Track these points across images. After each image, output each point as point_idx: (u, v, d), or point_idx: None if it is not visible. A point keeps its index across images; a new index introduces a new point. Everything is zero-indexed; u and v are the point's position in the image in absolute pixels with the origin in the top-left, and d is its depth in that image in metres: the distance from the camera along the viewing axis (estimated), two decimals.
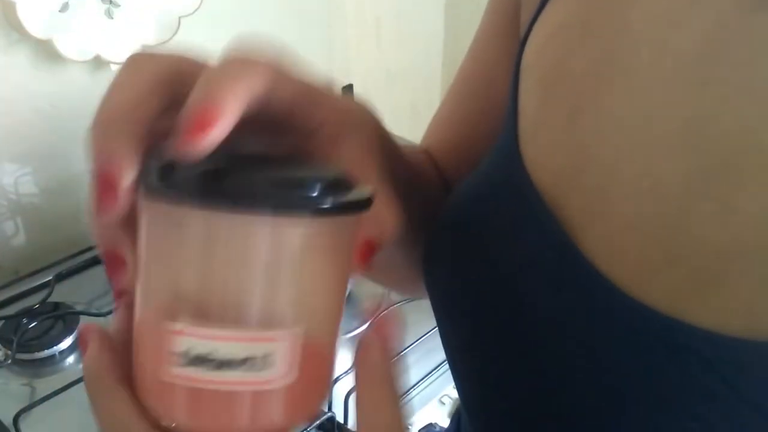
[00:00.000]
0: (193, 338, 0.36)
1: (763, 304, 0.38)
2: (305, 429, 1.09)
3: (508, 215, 0.51)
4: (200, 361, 0.36)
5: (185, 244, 0.37)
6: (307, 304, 0.39)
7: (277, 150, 0.44)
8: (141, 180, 0.36)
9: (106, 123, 0.37)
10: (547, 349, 0.48)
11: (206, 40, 1.55)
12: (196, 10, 1.42)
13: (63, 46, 1.31)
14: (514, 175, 0.51)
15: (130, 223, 0.38)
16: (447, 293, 0.57)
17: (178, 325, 0.36)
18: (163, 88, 0.37)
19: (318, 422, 1.11)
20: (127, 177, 0.35)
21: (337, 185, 0.38)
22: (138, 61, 0.39)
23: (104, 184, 0.36)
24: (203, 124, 0.34)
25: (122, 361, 0.39)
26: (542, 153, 0.50)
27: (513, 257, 0.50)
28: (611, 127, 0.46)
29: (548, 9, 0.54)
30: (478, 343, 0.55)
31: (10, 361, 1.20)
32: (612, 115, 0.46)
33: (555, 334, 0.47)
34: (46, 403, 1.11)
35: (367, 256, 0.40)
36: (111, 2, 1.34)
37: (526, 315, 0.49)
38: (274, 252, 0.37)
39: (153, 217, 0.37)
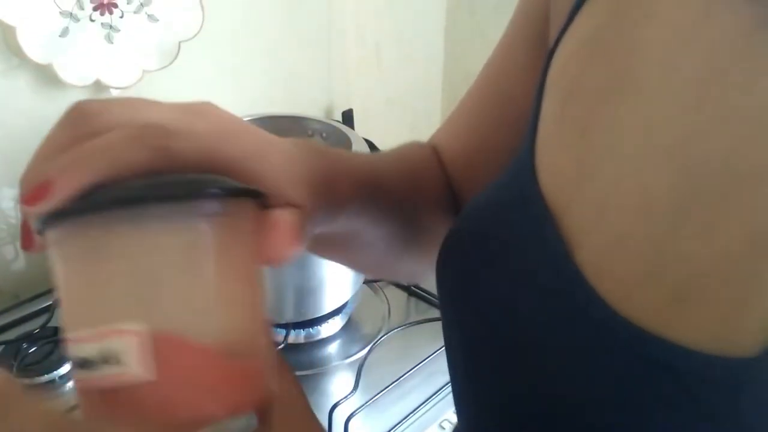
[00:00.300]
0: (68, 344, 0.40)
1: (733, 323, 0.39)
2: None
3: (516, 224, 0.52)
4: (77, 363, 0.39)
5: (52, 255, 0.41)
6: (160, 302, 0.40)
7: None
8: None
9: (25, 182, 0.42)
10: (536, 354, 0.49)
11: (206, 64, 1.56)
12: (196, 34, 1.42)
13: (63, 71, 1.31)
14: (525, 187, 0.52)
15: None
16: (453, 296, 0.59)
17: (65, 333, 0.40)
18: None
19: None
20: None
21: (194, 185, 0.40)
22: (76, 118, 0.42)
23: (22, 230, 0.44)
24: (34, 197, 0.39)
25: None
26: (553, 166, 0.52)
27: (514, 264, 0.52)
28: (615, 144, 0.47)
29: (574, 25, 0.55)
30: (472, 344, 0.56)
31: None
32: (617, 132, 0.47)
33: (543, 340, 0.48)
34: None
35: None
36: (111, 27, 1.34)
37: (519, 320, 0.50)
38: (110, 250, 0.39)
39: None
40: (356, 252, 0.69)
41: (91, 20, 1.32)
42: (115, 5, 1.33)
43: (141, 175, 0.40)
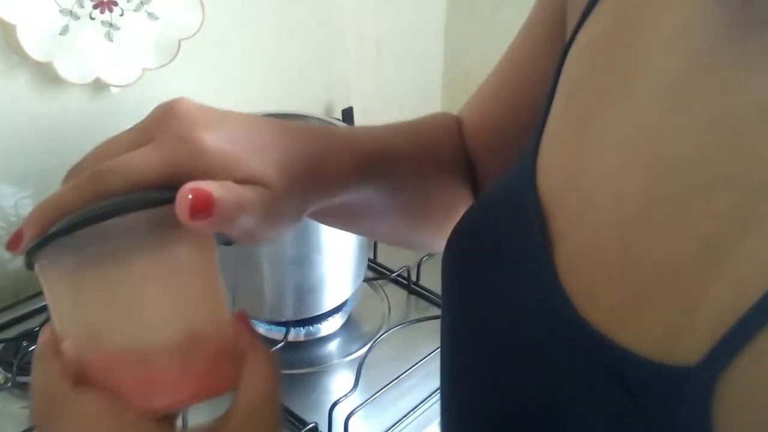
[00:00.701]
0: None
1: (678, 332, 0.38)
2: None
3: (511, 220, 0.53)
4: None
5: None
6: (74, 324, 0.49)
7: None
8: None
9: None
10: (510, 349, 0.50)
11: (206, 62, 1.56)
12: (195, 33, 1.42)
13: (63, 69, 1.31)
14: (524, 184, 0.53)
15: None
16: (451, 286, 0.60)
17: None
18: None
19: None
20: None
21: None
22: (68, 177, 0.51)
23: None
24: (10, 244, 0.49)
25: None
26: (550, 165, 0.52)
27: (504, 259, 0.53)
28: (601, 146, 0.48)
29: (586, 24, 0.55)
30: (459, 336, 0.58)
31: (10, 384, 1.20)
32: (605, 135, 0.48)
33: (518, 336, 0.49)
34: None
35: (197, 210, 0.45)
36: (111, 25, 1.34)
37: (503, 314, 0.51)
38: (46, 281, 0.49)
39: None
40: (366, 222, 0.71)
41: (91, 18, 1.32)
42: (115, 3, 1.33)
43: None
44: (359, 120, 1.85)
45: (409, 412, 1.19)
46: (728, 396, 0.35)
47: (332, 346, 1.36)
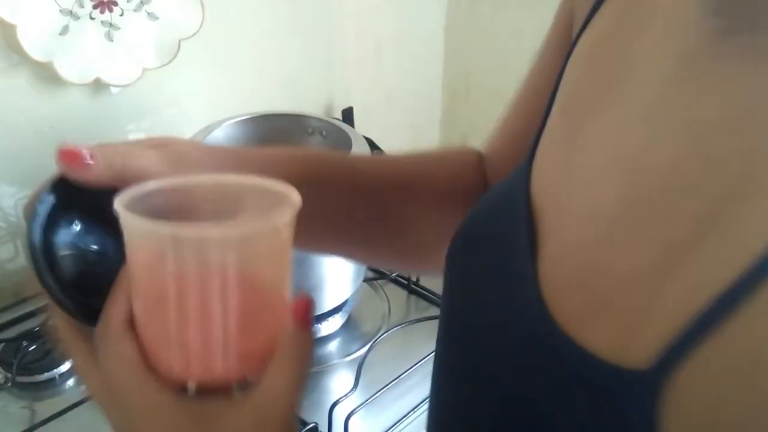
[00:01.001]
0: None
1: (635, 335, 0.39)
2: None
3: (503, 224, 0.54)
4: None
5: None
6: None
7: None
8: None
9: None
10: (491, 346, 0.50)
11: (206, 62, 1.56)
12: (196, 32, 1.42)
13: (63, 69, 1.31)
14: (518, 188, 0.54)
15: None
16: (449, 289, 0.60)
17: None
18: None
19: None
20: None
21: None
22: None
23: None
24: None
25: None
26: (543, 169, 0.53)
27: (493, 263, 0.53)
28: (588, 152, 0.49)
29: (587, 31, 0.56)
30: (448, 334, 0.59)
31: (10, 384, 1.20)
32: (592, 141, 0.49)
33: (498, 338, 0.49)
34: (46, 426, 1.10)
35: None
36: (111, 25, 1.34)
37: (487, 316, 0.52)
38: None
39: None
40: (322, 238, 0.74)
41: (91, 18, 1.32)
42: (115, 3, 1.33)
43: None
44: (359, 120, 1.85)
45: (408, 412, 1.19)
46: (674, 400, 0.36)
47: (332, 346, 1.36)
